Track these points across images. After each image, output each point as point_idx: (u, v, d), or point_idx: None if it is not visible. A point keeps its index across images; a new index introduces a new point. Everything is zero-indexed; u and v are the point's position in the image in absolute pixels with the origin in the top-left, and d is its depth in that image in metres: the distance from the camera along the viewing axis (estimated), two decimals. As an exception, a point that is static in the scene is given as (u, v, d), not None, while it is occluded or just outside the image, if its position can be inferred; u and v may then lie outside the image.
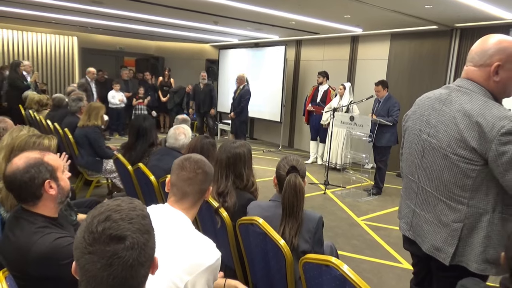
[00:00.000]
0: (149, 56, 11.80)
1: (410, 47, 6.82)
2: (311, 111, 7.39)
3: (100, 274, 0.82)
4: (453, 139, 1.55)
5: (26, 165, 1.47)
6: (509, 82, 1.57)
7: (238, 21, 6.97)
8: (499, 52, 1.54)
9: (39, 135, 2.07)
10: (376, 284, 3.13)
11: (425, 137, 1.70)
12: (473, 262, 1.57)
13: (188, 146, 2.79)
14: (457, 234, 1.58)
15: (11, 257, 1.44)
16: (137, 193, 3.03)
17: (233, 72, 8.55)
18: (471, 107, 1.53)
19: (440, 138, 1.62)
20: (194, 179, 1.51)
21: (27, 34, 10.22)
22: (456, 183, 1.57)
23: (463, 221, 1.57)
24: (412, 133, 1.80)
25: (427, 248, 1.72)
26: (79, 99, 4.83)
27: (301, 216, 1.90)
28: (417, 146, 1.75)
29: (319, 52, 8.57)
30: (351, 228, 4.30)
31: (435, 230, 1.67)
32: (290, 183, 1.91)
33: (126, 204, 0.91)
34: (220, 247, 1.43)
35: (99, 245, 0.82)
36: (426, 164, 1.69)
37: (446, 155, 1.59)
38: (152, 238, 0.91)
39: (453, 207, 1.60)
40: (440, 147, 1.61)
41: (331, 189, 5.71)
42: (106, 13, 7.20)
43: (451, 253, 1.60)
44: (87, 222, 0.86)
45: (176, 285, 1.28)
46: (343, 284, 1.45)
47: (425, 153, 1.70)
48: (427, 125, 1.69)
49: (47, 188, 1.50)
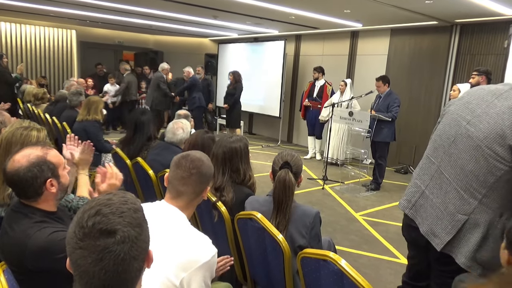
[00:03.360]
0: (148, 50, 11.75)
1: (410, 43, 6.81)
2: (308, 106, 7.39)
3: (91, 269, 0.82)
4: (493, 133, 1.54)
5: (29, 164, 1.46)
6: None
7: (238, 15, 6.93)
8: None
9: (26, 127, 2.02)
10: (374, 279, 3.14)
11: (464, 123, 1.66)
12: (463, 257, 1.58)
13: (188, 141, 2.77)
14: (458, 226, 1.59)
15: (8, 251, 1.44)
16: (136, 188, 3.03)
17: (233, 67, 8.51)
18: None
19: (480, 128, 1.59)
20: (188, 179, 1.48)
21: (25, 27, 10.16)
22: (478, 177, 1.55)
23: (469, 214, 1.57)
24: (451, 117, 1.76)
25: (424, 230, 1.72)
26: (79, 93, 4.81)
27: (289, 211, 1.91)
28: (451, 130, 1.72)
29: (319, 47, 8.55)
30: (349, 223, 4.32)
31: (438, 215, 1.67)
32: (280, 178, 1.92)
33: (118, 198, 0.90)
34: (218, 241, 1.43)
35: (90, 240, 0.82)
36: (454, 150, 1.67)
37: (479, 146, 1.57)
38: (145, 231, 0.90)
39: (465, 199, 1.59)
40: (477, 137, 1.58)
41: (330, 184, 5.72)
42: (104, 7, 7.15)
43: (446, 241, 1.62)
44: (77, 217, 0.86)
45: (171, 282, 1.28)
46: (340, 278, 1.45)
47: (457, 139, 1.67)
48: (471, 113, 1.66)
49: (49, 187, 1.50)
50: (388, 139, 5.40)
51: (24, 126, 2.02)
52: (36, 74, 10.31)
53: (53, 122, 4.61)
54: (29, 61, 10.34)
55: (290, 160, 1.97)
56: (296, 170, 1.96)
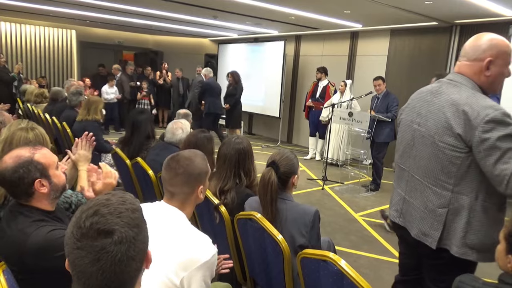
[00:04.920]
0: (147, 50, 11.75)
1: (409, 43, 6.81)
2: (311, 107, 7.39)
3: (89, 269, 0.81)
4: (441, 127, 1.64)
5: (15, 165, 1.45)
6: (498, 77, 1.67)
7: (238, 15, 6.94)
8: (491, 48, 1.64)
9: (24, 128, 2.01)
10: (373, 279, 3.14)
11: (415, 127, 1.79)
12: (454, 246, 1.65)
13: (184, 141, 2.77)
14: (442, 219, 1.66)
15: (7, 250, 1.44)
16: (136, 188, 3.03)
17: (232, 67, 8.50)
18: (459, 97, 1.62)
19: (428, 126, 1.71)
20: (175, 179, 1.48)
21: (25, 27, 10.16)
22: (442, 170, 1.65)
23: (447, 206, 1.65)
24: (405, 123, 1.89)
25: (415, 233, 1.79)
26: (79, 93, 4.80)
27: (274, 210, 1.91)
28: (408, 135, 1.85)
29: (319, 47, 8.55)
30: (349, 224, 4.32)
31: (422, 216, 1.75)
32: (262, 176, 1.94)
33: (116, 198, 0.89)
34: (218, 242, 1.42)
35: (87, 240, 0.81)
36: (416, 153, 1.78)
37: (433, 143, 1.67)
38: (143, 232, 0.89)
39: (438, 193, 1.68)
40: (429, 135, 1.70)
41: (329, 185, 5.72)
42: (104, 6, 7.15)
43: (437, 237, 1.68)
44: (76, 217, 0.86)
45: (171, 281, 1.27)
46: (340, 279, 1.45)
47: (415, 142, 1.79)
48: (418, 116, 1.79)
49: (38, 187, 1.48)
50: (389, 139, 5.40)
51: (23, 127, 2.01)
52: (36, 74, 10.31)
53: (52, 122, 4.61)
54: (29, 61, 10.34)
55: (278, 159, 1.97)
56: (285, 170, 1.95)
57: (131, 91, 9.23)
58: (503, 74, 1.67)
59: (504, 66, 1.65)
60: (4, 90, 7.06)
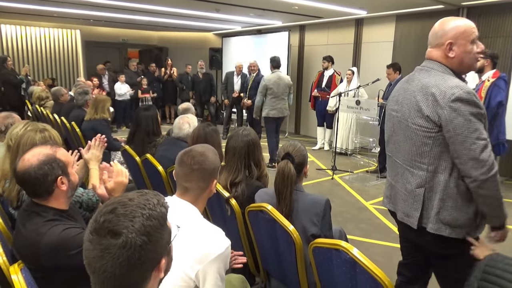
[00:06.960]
0: (152, 47, 11.75)
1: (416, 28, 6.70)
2: (317, 97, 7.34)
3: (93, 263, 0.82)
4: (412, 110, 1.71)
5: (39, 162, 1.48)
6: (464, 55, 1.70)
7: (240, 8, 6.89)
8: (447, 32, 1.72)
9: (31, 129, 2.05)
10: (387, 266, 3.12)
11: (394, 114, 1.87)
12: (430, 222, 1.70)
13: (191, 135, 2.78)
14: (420, 199, 1.72)
15: (24, 250, 1.46)
16: (146, 184, 3.06)
17: (237, 60, 8.47)
18: (428, 81, 1.69)
19: (403, 111, 1.78)
20: (191, 175, 1.49)
21: (30, 29, 10.23)
22: (416, 151, 1.72)
23: (424, 185, 1.71)
24: (388, 113, 1.97)
25: (399, 216, 1.86)
26: (85, 93, 4.84)
27: (291, 201, 1.92)
28: (390, 124, 1.92)
29: (323, 36, 8.47)
30: (359, 213, 4.31)
31: (403, 198, 1.81)
32: (279, 169, 1.95)
33: (139, 199, 0.87)
34: (230, 235, 1.43)
35: (96, 236, 0.82)
36: (396, 138, 1.86)
37: (407, 126, 1.74)
38: (154, 241, 0.85)
39: (415, 174, 1.74)
40: (404, 119, 1.77)
41: (339, 174, 5.70)
42: (108, 5, 7.16)
43: (417, 216, 1.73)
44: (99, 209, 0.86)
45: (188, 275, 1.29)
46: (353, 267, 1.45)
47: (395, 128, 1.86)
48: (396, 103, 1.86)
49: (59, 184, 1.52)
50: None
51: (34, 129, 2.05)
52: (43, 76, 10.40)
53: (61, 122, 4.65)
54: (35, 63, 10.43)
55: (292, 151, 1.98)
56: (299, 161, 1.97)
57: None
58: (469, 52, 1.70)
59: (467, 44, 1.68)
60: (13, 92, 7.16)
